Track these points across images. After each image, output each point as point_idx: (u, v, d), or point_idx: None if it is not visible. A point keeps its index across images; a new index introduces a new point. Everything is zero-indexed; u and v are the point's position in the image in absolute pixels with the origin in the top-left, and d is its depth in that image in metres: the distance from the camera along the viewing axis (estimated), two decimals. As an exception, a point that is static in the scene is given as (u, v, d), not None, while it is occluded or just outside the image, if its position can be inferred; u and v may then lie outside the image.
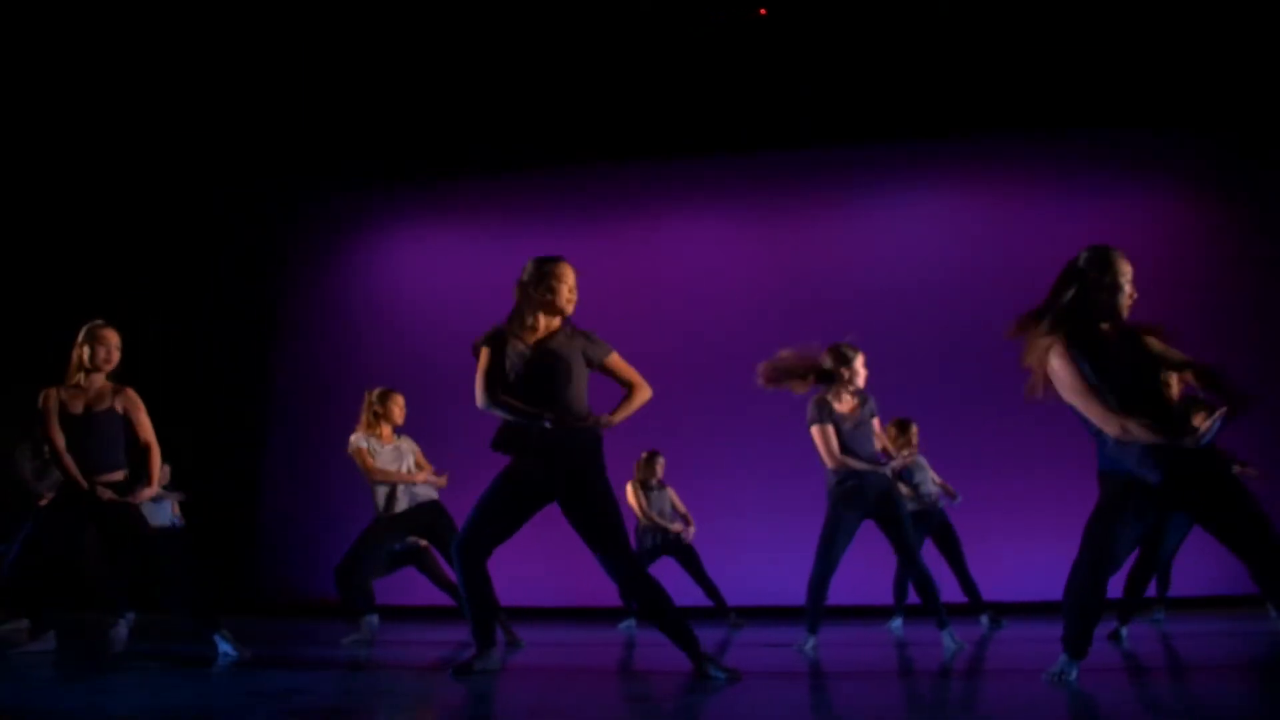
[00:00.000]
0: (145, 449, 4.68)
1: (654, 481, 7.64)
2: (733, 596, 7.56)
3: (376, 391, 6.11)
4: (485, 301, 10.14)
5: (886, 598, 7.08)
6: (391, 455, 5.96)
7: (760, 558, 8.31)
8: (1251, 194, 8.78)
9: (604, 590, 8.22)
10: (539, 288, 3.83)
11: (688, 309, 9.45)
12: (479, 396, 3.83)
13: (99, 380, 4.66)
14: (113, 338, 4.66)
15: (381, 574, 6.17)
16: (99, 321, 4.70)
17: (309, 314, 10.27)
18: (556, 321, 3.89)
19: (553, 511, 3.83)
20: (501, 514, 3.76)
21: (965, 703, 3.12)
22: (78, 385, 4.64)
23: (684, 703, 3.11)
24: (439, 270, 10.17)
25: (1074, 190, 9.07)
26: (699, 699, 3.14)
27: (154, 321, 9.82)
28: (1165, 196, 9.07)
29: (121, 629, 5.79)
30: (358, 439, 5.93)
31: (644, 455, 7.67)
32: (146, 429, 4.71)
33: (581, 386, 3.80)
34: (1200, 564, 8.03)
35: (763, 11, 8.29)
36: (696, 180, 9.89)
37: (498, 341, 3.88)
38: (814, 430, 5.08)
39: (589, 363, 3.85)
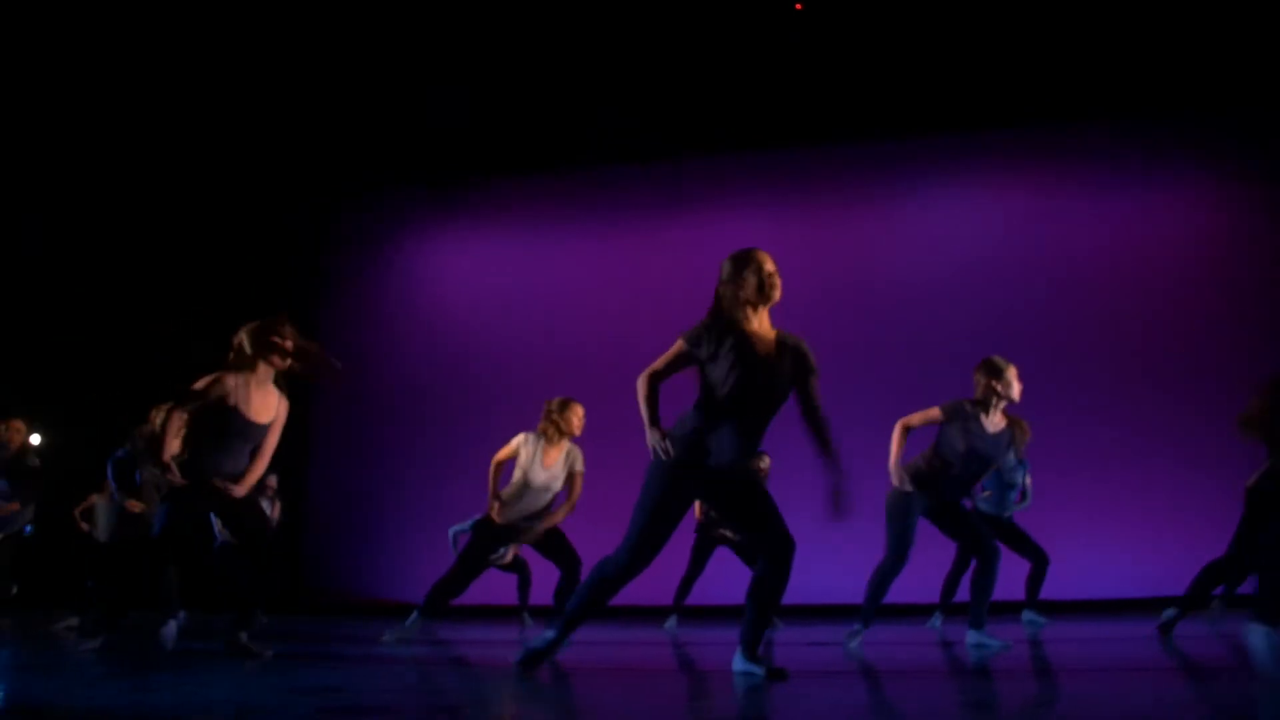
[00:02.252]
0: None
1: None
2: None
3: (556, 401, 5.71)
4: (523, 303, 10.28)
5: (921, 596, 7.03)
6: (547, 473, 5.52)
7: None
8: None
9: (639, 590, 8.28)
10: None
11: (702, 309, 9.38)
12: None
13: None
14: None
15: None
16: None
17: (347, 319, 10.33)
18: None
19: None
20: (672, 525, 3.58)
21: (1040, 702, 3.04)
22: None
23: (746, 705, 3.06)
24: (477, 273, 10.21)
25: (1111, 182, 8.92)
26: (757, 702, 3.08)
27: (190, 328, 9.96)
28: (1209, 188, 8.85)
29: (171, 628, 5.83)
30: (522, 438, 5.57)
31: None
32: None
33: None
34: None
35: (799, 6, 8.21)
36: (738, 176, 9.84)
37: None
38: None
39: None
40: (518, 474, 5.50)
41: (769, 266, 3.64)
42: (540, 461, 5.47)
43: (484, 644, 5.79)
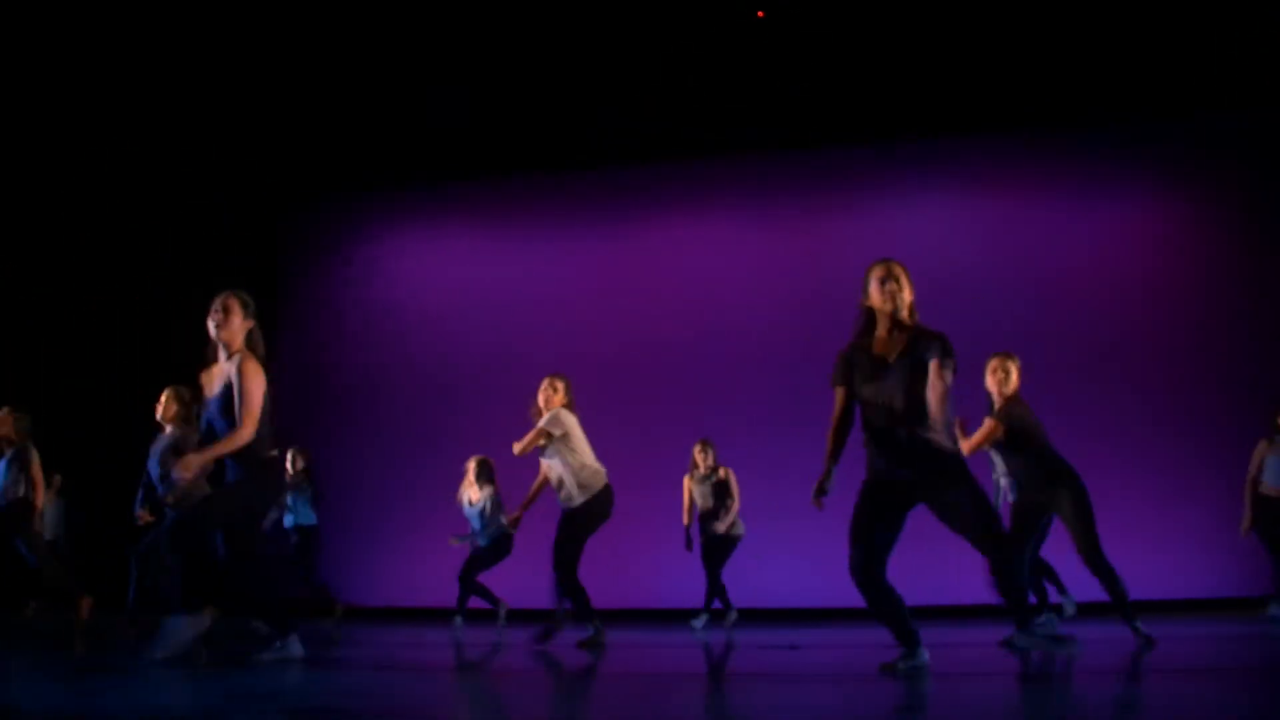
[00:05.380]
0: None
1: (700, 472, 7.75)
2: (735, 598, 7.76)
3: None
4: (489, 304, 10.31)
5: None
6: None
7: (757, 559, 8.30)
8: (1271, 193, 8.73)
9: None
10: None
11: (693, 311, 9.48)
12: None
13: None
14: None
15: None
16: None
17: (309, 318, 10.30)
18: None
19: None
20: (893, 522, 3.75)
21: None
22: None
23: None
24: (442, 273, 10.22)
25: (1084, 190, 9.04)
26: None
27: (152, 325, 9.94)
28: (1181, 196, 9.01)
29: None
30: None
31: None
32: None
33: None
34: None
35: (760, 14, 8.31)
36: (703, 182, 9.90)
37: None
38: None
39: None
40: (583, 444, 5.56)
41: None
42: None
43: (437, 647, 5.83)
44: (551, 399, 5.66)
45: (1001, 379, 5.13)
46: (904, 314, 3.81)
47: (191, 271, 10.19)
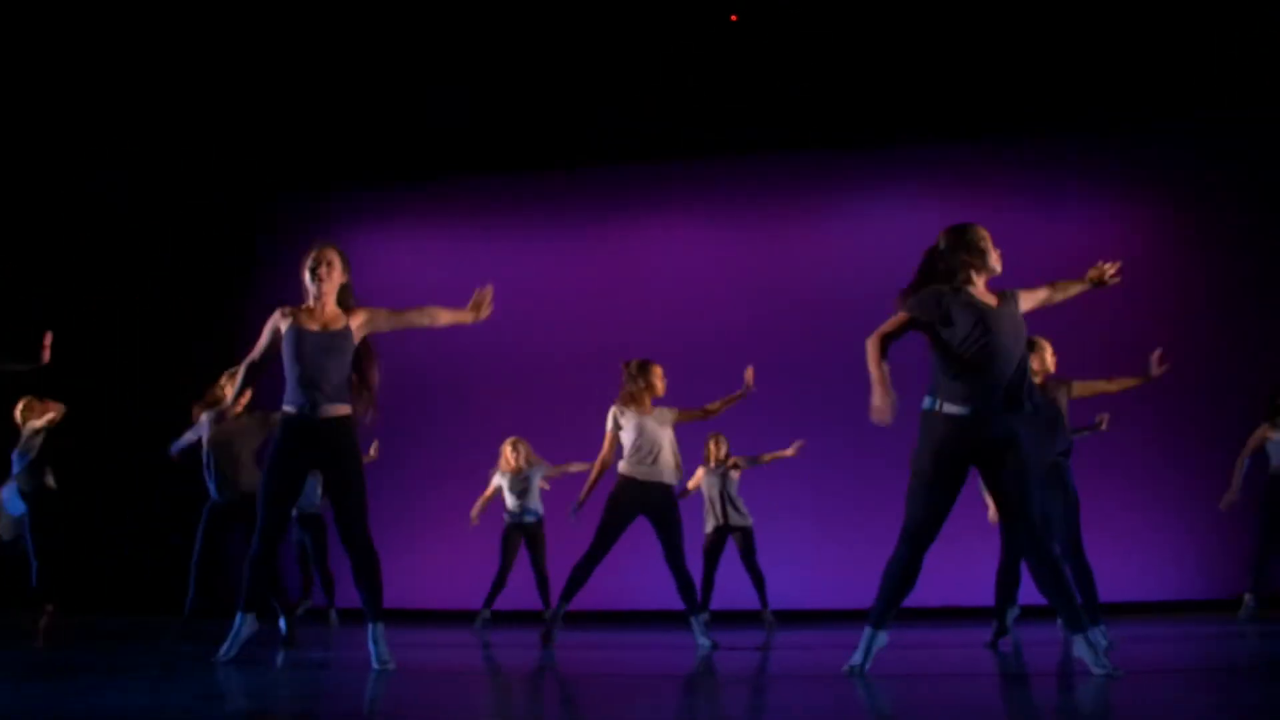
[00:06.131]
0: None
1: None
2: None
3: (635, 363, 5.84)
4: (458, 303, 10.28)
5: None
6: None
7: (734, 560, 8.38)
8: (1234, 201, 8.87)
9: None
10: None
11: (662, 311, 9.53)
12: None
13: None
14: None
15: None
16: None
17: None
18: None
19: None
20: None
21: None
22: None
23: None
24: (422, 271, 10.20)
25: (1043, 197, 9.16)
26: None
27: (124, 323, 9.91)
28: (1135, 204, 9.15)
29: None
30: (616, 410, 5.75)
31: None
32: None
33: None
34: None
35: (734, 18, 8.38)
36: (675, 184, 9.96)
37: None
38: None
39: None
40: (631, 435, 5.60)
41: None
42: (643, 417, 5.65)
43: (406, 647, 5.87)
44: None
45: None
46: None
47: (169, 268, 10.18)
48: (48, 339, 6.59)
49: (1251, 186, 8.81)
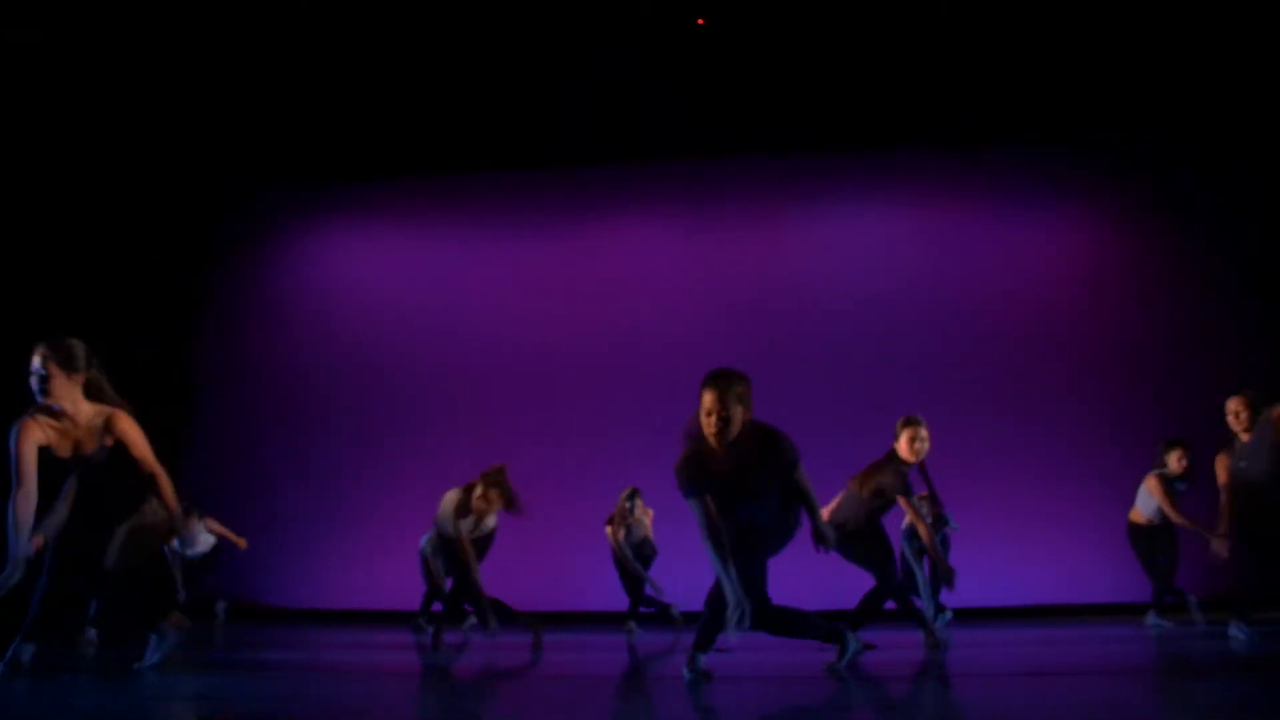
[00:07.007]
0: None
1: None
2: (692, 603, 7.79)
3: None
4: (418, 302, 10.21)
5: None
6: None
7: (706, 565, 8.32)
8: (1198, 209, 9.01)
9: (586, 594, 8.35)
10: None
11: (629, 315, 9.49)
12: None
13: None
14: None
15: None
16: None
17: (235, 312, 10.06)
18: None
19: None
20: None
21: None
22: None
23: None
24: (376, 270, 10.07)
25: (1012, 204, 9.24)
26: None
27: (79, 318, 9.61)
28: (1107, 212, 9.27)
29: (92, 632, 5.69)
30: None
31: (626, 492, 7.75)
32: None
33: None
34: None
35: (700, 21, 8.38)
36: (640, 187, 9.90)
37: None
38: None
39: None
40: None
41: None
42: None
43: (366, 648, 5.78)
44: None
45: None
46: None
47: (121, 264, 9.93)
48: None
49: (1215, 197, 8.97)
